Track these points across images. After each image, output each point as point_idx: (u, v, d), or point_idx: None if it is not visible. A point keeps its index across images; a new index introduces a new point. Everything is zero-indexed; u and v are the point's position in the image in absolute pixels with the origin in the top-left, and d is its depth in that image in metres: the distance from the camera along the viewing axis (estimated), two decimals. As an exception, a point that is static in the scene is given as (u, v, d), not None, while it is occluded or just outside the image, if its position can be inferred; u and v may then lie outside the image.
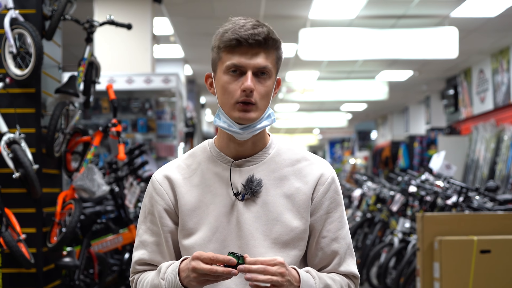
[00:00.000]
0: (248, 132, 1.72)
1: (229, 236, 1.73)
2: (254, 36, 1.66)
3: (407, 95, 16.48)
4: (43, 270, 4.15)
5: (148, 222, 1.81)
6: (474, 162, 11.10)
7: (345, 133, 27.66)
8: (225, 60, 1.69)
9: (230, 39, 1.67)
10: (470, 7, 8.71)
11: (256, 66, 1.68)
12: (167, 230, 1.78)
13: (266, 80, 1.70)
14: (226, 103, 1.71)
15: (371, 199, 8.92)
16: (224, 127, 1.73)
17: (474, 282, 4.57)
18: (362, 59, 11.23)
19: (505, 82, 10.81)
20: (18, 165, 3.93)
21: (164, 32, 9.99)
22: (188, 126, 10.61)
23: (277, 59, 1.73)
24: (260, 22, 1.71)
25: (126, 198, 5.34)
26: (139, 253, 1.81)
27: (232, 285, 1.72)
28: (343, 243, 1.78)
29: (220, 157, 1.79)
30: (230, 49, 1.68)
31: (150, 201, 1.81)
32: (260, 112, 1.71)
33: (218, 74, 1.73)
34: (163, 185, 1.79)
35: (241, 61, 1.67)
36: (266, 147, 1.80)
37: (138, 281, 1.80)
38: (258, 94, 1.69)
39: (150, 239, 1.80)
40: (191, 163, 1.81)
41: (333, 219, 1.78)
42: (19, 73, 4.02)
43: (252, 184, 1.75)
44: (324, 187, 1.78)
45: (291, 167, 1.79)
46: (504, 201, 5.76)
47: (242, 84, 1.67)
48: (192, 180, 1.79)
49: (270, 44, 1.69)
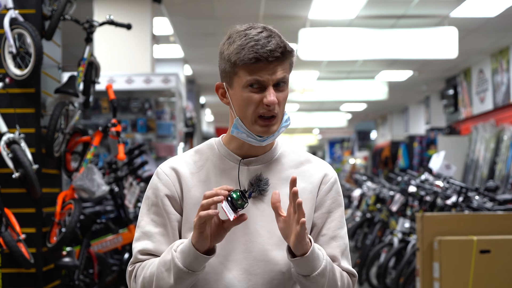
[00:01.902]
0: (267, 141, 1.76)
1: (234, 233, 1.72)
2: (272, 53, 1.67)
3: (406, 95, 16.48)
4: (43, 270, 4.15)
5: (151, 214, 1.78)
6: (474, 162, 11.10)
7: (345, 133, 27.67)
8: (244, 76, 1.70)
9: (249, 58, 1.67)
10: (470, 7, 8.72)
11: (276, 80, 1.70)
12: (174, 218, 1.76)
13: (284, 89, 1.73)
14: (247, 117, 1.72)
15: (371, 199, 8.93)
16: (243, 137, 1.75)
17: (473, 282, 4.57)
18: (362, 59, 11.23)
19: (504, 82, 10.82)
20: (17, 165, 3.93)
21: (164, 32, 9.99)
22: (187, 126, 10.61)
23: (290, 65, 1.76)
24: (269, 30, 1.72)
25: (125, 198, 5.34)
26: (143, 243, 1.76)
27: (235, 281, 1.72)
28: (342, 242, 1.80)
29: (228, 155, 1.80)
30: (248, 66, 1.69)
31: (154, 193, 1.78)
32: (280, 121, 1.75)
33: (235, 88, 1.73)
34: (170, 176, 1.78)
35: (262, 77, 1.69)
36: (273, 148, 1.83)
37: (140, 267, 1.74)
38: (278, 104, 1.72)
39: (155, 229, 1.76)
40: (198, 160, 1.82)
41: (333, 218, 1.80)
42: (19, 73, 4.02)
43: (260, 183, 1.77)
44: (327, 186, 1.82)
45: (295, 169, 1.82)
46: (503, 201, 5.76)
47: (265, 98, 1.69)
48: (199, 176, 1.79)
49: (287, 56, 1.71)
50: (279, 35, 1.72)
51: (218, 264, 1.73)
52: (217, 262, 1.72)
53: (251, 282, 1.72)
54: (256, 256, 1.72)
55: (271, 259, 1.73)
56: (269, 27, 1.74)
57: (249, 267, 1.73)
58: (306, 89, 13.67)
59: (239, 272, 1.72)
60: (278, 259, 1.73)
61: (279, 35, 1.72)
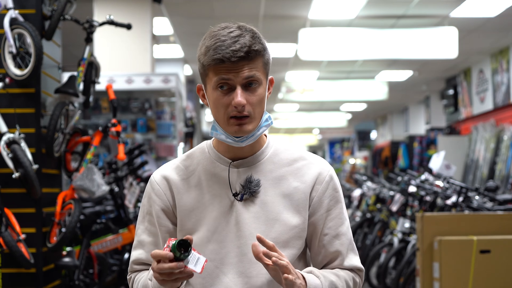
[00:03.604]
0: (246, 142, 1.73)
1: (228, 237, 1.74)
2: (235, 53, 1.65)
3: (407, 95, 16.48)
4: (43, 270, 4.15)
5: (146, 222, 1.82)
6: (474, 162, 11.10)
7: (345, 133, 27.67)
8: (212, 77, 1.70)
9: (213, 58, 1.67)
10: (470, 7, 8.72)
11: (244, 79, 1.68)
12: (165, 230, 1.79)
13: (256, 89, 1.70)
14: (220, 118, 1.71)
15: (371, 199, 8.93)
16: (222, 139, 1.74)
17: (473, 282, 4.57)
18: (362, 59, 11.23)
19: (504, 82, 10.81)
20: (17, 165, 3.93)
21: (164, 32, 9.99)
22: (187, 126, 10.62)
23: (264, 64, 1.72)
24: (243, 28, 1.70)
25: (125, 198, 5.34)
26: (137, 252, 1.82)
27: (231, 284, 1.72)
28: (345, 239, 1.79)
29: (218, 158, 1.79)
30: (215, 67, 1.68)
31: (149, 202, 1.82)
32: (256, 121, 1.72)
33: (208, 89, 1.73)
34: (161, 185, 1.80)
35: (228, 77, 1.67)
36: (263, 148, 1.81)
37: (134, 280, 1.82)
38: (251, 105, 1.69)
39: (148, 239, 1.81)
40: (189, 164, 1.82)
41: (333, 216, 1.79)
42: (19, 73, 4.02)
43: (251, 185, 1.76)
44: (322, 186, 1.79)
45: (288, 167, 1.80)
46: (503, 201, 5.76)
47: (233, 99, 1.67)
48: (190, 181, 1.79)
49: (253, 55, 1.68)
50: (253, 34, 1.69)
51: (213, 268, 1.73)
52: (212, 266, 1.73)
53: (247, 285, 1.72)
54: (251, 258, 1.71)
55: None
56: (246, 26, 1.71)
57: (244, 270, 1.73)
58: (306, 89, 13.67)
59: (235, 275, 1.73)
60: None
61: (252, 34, 1.69)
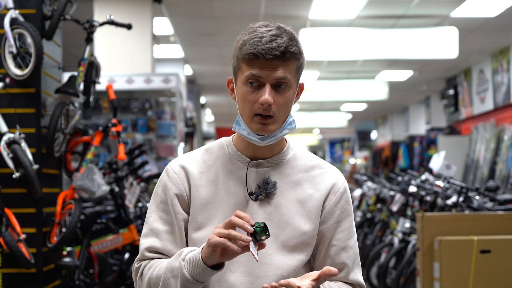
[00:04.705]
0: (267, 142, 1.73)
1: None
2: (271, 51, 1.65)
3: (407, 95, 16.48)
4: (43, 270, 4.15)
5: (160, 211, 1.78)
6: (474, 162, 11.10)
7: (345, 133, 27.67)
8: (244, 71, 1.69)
9: (248, 52, 1.67)
10: (470, 7, 8.71)
11: (275, 79, 1.68)
12: (181, 218, 1.76)
13: (285, 91, 1.71)
14: (245, 114, 1.72)
15: (371, 199, 8.93)
16: (244, 135, 1.74)
17: (474, 282, 4.57)
18: (362, 59, 11.23)
19: (505, 82, 10.81)
20: (18, 165, 3.93)
21: (164, 32, 9.99)
22: (188, 126, 10.62)
23: (297, 68, 1.73)
24: (282, 29, 1.70)
25: (126, 198, 5.34)
26: (150, 240, 1.76)
27: (237, 283, 1.72)
28: (352, 252, 1.80)
29: (237, 156, 1.79)
30: (249, 61, 1.68)
31: (164, 190, 1.79)
32: (280, 123, 1.72)
33: (238, 83, 1.73)
34: (179, 174, 1.78)
35: (259, 74, 1.67)
36: (283, 151, 1.81)
37: (145, 267, 1.75)
38: (277, 106, 1.69)
39: (162, 227, 1.76)
40: (208, 159, 1.81)
41: (343, 228, 1.80)
42: (19, 73, 4.02)
43: (268, 186, 1.76)
44: (336, 196, 1.80)
45: (305, 173, 1.80)
46: (504, 201, 5.76)
47: (261, 97, 1.67)
48: (207, 176, 1.78)
49: (288, 57, 1.68)
50: (291, 37, 1.69)
51: None
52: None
53: (253, 285, 1.71)
54: (259, 259, 1.70)
55: (274, 263, 1.73)
56: (286, 28, 1.71)
57: (252, 270, 1.72)
58: (306, 89, 13.67)
59: (242, 274, 1.72)
60: (281, 264, 1.73)
61: (291, 36, 1.69)
